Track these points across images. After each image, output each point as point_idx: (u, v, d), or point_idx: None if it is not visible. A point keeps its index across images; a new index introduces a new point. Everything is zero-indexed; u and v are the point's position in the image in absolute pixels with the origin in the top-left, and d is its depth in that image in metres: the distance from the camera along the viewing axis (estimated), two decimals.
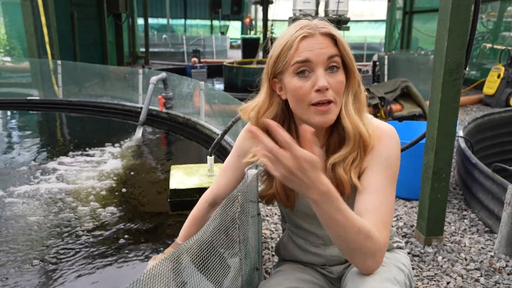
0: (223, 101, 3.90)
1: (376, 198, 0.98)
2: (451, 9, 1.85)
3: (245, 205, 1.06)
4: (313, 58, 0.96)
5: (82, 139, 4.23)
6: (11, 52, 7.43)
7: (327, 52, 0.97)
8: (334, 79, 0.98)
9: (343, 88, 1.00)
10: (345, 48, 0.99)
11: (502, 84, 6.10)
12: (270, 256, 2.01)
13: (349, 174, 1.00)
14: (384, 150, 1.01)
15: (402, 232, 2.29)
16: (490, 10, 8.31)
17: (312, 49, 0.96)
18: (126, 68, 7.11)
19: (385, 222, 0.96)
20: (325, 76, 0.97)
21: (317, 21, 1.01)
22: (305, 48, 0.96)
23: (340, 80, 0.99)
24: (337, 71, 0.99)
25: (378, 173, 1.00)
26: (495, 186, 2.28)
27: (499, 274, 1.90)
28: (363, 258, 0.92)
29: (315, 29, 0.98)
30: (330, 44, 0.98)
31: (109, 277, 1.85)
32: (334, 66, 0.98)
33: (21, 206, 2.51)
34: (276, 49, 1.01)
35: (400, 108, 5.00)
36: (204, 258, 0.90)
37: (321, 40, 0.97)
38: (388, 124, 1.06)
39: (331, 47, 0.98)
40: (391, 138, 1.03)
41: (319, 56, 0.96)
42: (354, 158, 1.01)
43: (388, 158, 1.01)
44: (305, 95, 0.97)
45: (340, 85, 0.99)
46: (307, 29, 0.97)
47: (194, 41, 14.73)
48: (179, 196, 2.62)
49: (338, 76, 0.98)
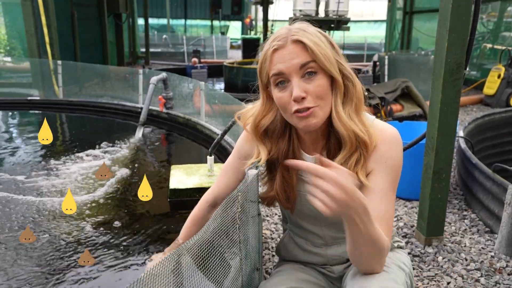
0: (223, 101, 3.90)
1: (383, 203, 1.00)
2: (451, 9, 1.85)
3: (245, 205, 1.06)
4: (285, 69, 0.97)
5: (82, 139, 4.23)
6: (12, 52, 7.44)
7: (298, 61, 0.96)
8: (312, 85, 0.97)
9: (327, 90, 0.99)
10: (317, 53, 0.96)
11: (503, 84, 6.09)
12: (270, 256, 2.01)
13: (355, 175, 1.01)
14: (389, 154, 1.02)
15: (402, 232, 2.29)
16: (491, 10, 8.31)
17: (284, 61, 0.97)
18: (126, 68, 7.11)
19: (390, 227, 1.00)
20: (302, 83, 0.97)
21: (296, 26, 1.00)
22: (277, 60, 0.98)
23: (319, 84, 0.97)
24: (315, 76, 0.97)
25: (384, 177, 1.01)
26: (495, 186, 2.28)
27: (500, 274, 1.90)
28: (372, 265, 0.96)
29: (286, 38, 0.97)
30: (302, 52, 0.96)
31: (109, 277, 1.85)
32: (310, 72, 0.97)
33: (21, 206, 2.51)
34: (259, 63, 1.04)
35: (400, 108, 5.00)
36: (204, 258, 0.90)
37: (292, 49, 0.96)
38: (391, 126, 1.06)
39: (303, 55, 0.96)
40: (395, 141, 1.04)
41: (291, 66, 0.96)
42: (357, 159, 1.01)
43: (393, 162, 1.02)
44: (285, 104, 0.99)
45: (319, 88, 0.98)
46: (277, 40, 0.98)
47: (195, 41, 14.72)
48: (178, 196, 2.62)
49: (317, 80, 0.97)
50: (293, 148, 1.10)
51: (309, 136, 1.08)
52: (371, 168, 1.02)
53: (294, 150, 1.10)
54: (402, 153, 1.05)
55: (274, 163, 1.11)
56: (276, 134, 1.09)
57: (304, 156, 1.11)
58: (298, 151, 1.11)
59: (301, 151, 1.11)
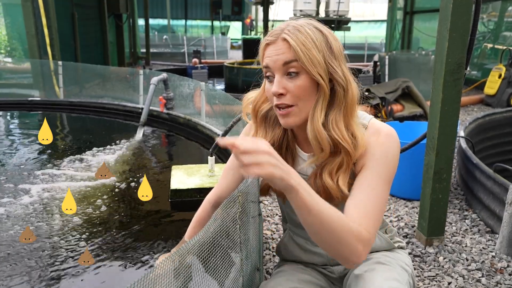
0: (224, 102, 3.90)
1: (364, 193, 0.97)
2: (452, 9, 1.85)
3: (246, 205, 1.06)
4: (270, 64, 0.99)
5: (82, 139, 4.23)
6: (12, 53, 7.44)
7: (282, 58, 0.97)
8: (292, 84, 0.98)
9: (307, 92, 0.98)
10: (301, 54, 0.95)
11: (503, 84, 6.08)
12: (271, 257, 2.01)
13: (335, 181, 1.00)
14: (380, 149, 1.00)
15: (403, 233, 2.29)
16: (491, 10, 8.31)
17: (270, 56, 0.99)
18: (126, 69, 7.12)
19: (370, 215, 0.95)
20: (283, 81, 0.98)
21: (292, 24, 0.99)
22: (267, 54, 1.00)
23: (299, 84, 0.97)
24: (297, 76, 0.97)
25: (370, 171, 0.99)
26: (496, 186, 2.28)
27: (501, 274, 1.90)
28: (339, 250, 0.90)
29: (278, 35, 0.98)
30: (287, 50, 0.97)
31: (109, 277, 1.85)
32: (292, 71, 0.97)
33: (21, 206, 2.51)
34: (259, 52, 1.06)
35: (401, 108, 4.99)
36: (204, 258, 0.90)
37: (280, 46, 0.98)
38: (387, 125, 1.05)
39: (288, 53, 0.97)
40: (388, 138, 1.02)
41: (275, 62, 0.98)
42: (339, 165, 1.00)
43: (383, 157, 1.00)
44: (270, 97, 1.02)
45: (299, 89, 0.98)
46: (270, 36, 1.00)
47: (195, 41, 14.74)
48: (179, 196, 2.62)
49: (298, 81, 0.97)
50: (288, 139, 1.11)
51: (300, 131, 1.08)
52: (362, 164, 1.01)
53: (288, 141, 1.11)
54: (396, 150, 1.02)
55: None
56: (274, 120, 1.11)
57: (299, 152, 1.11)
58: (293, 144, 1.11)
59: (296, 147, 1.11)
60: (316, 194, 0.87)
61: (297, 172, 1.13)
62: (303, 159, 1.10)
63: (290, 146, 1.11)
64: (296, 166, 1.11)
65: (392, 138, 1.02)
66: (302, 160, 1.11)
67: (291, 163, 1.11)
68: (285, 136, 1.10)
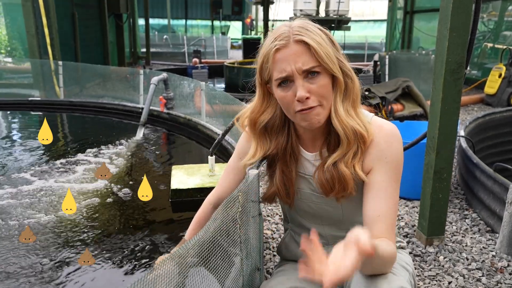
0: (224, 102, 3.90)
1: (385, 203, 1.00)
2: (452, 9, 1.85)
3: (246, 205, 1.06)
4: (289, 71, 0.96)
5: (83, 139, 4.23)
6: (12, 53, 7.45)
7: (304, 61, 0.95)
8: (315, 85, 0.97)
9: (329, 89, 1.00)
10: (321, 53, 0.96)
11: (504, 84, 6.08)
12: (271, 256, 2.01)
13: (351, 168, 1.02)
14: (389, 151, 1.02)
15: (403, 232, 2.29)
16: (491, 9, 8.30)
17: (287, 62, 0.96)
18: (127, 69, 7.12)
19: (393, 227, 1.01)
20: (305, 84, 0.96)
21: (297, 24, 0.98)
22: (281, 60, 0.97)
23: (322, 84, 0.98)
24: (318, 76, 0.97)
25: (385, 175, 1.01)
26: (496, 185, 2.28)
27: (501, 274, 1.90)
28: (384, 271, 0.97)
29: (289, 38, 0.96)
30: (305, 52, 0.95)
31: (109, 277, 1.85)
32: (313, 72, 0.97)
33: (22, 206, 2.51)
34: (259, 60, 1.03)
35: (401, 108, 4.99)
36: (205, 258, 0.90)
37: (295, 50, 0.96)
38: (389, 122, 1.07)
39: (306, 56, 0.95)
40: (395, 138, 1.03)
41: (295, 67, 0.96)
42: (354, 153, 1.02)
43: (394, 159, 1.02)
44: (289, 104, 0.99)
45: (323, 88, 0.98)
46: (279, 40, 0.97)
47: (195, 41, 14.73)
48: (180, 196, 2.62)
49: (320, 80, 0.97)
50: (292, 143, 1.10)
51: (309, 133, 1.08)
52: (371, 166, 1.02)
53: (293, 146, 1.10)
54: (402, 149, 1.05)
55: (273, 159, 1.12)
56: (275, 129, 1.10)
57: (303, 153, 1.11)
58: (297, 147, 1.11)
59: (300, 148, 1.11)
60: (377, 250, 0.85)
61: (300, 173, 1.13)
62: (306, 159, 1.11)
63: (294, 149, 1.11)
64: (300, 167, 1.12)
65: (397, 137, 1.04)
66: (305, 161, 1.11)
67: (295, 165, 1.11)
68: (289, 141, 1.10)
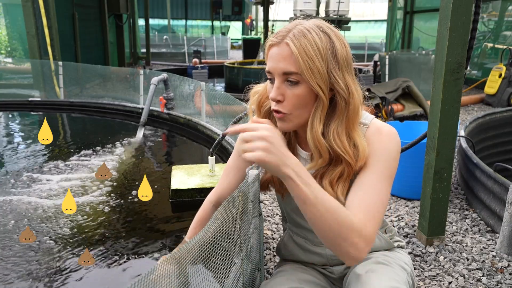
0: (224, 102, 3.90)
1: (366, 191, 0.96)
2: (452, 9, 1.85)
3: (246, 205, 1.06)
4: (271, 69, 0.97)
5: (83, 139, 4.24)
6: (13, 53, 7.45)
7: (282, 66, 0.94)
8: (291, 92, 0.95)
9: (305, 101, 0.96)
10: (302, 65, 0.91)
11: (504, 84, 6.08)
12: (271, 257, 2.01)
13: (335, 189, 0.99)
14: (380, 148, 1.00)
15: (403, 232, 2.29)
16: (491, 9, 8.30)
17: (271, 60, 0.96)
18: (127, 69, 7.11)
19: (372, 214, 0.92)
20: (283, 87, 0.96)
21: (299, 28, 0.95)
22: (269, 56, 0.97)
23: (297, 93, 0.95)
24: (296, 85, 0.95)
25: (371, 169, 0.98)
26: (496, 185, 2.28)
27: (501, 274, 1.90)
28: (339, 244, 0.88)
29: (283, 37, 0.95)
30: (289, 57, 0.93)
31: (109, 277, 1.85)
32: (291, 80, 0.95)
33: (22, 206, 2.51)
34: None
35: (401, 108, 4.99)
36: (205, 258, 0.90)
37: (281, 51, 0.94)
38: (388, 125, 1.05)
39: (289, 60, 0.93)
40: (389, 137, 1.01)
41: (276, 68, 0.95)
42: (340, 174, 0.99)
43: (384, 155, 0.99)
44: (270, 99, 1.00)
45: (296, 98, 0.95)
46: (276, 37, 0.96)
47: (195, 41, 14.74)
48: (180, 196, 2.62)
49: (297, 89, 0.95)
50: (290, 138, 1.10)
51: (301, 131, 1.07)
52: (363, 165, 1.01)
53: (290, 140, 1.10)
54: (396, 149, 1.01)
55: None
56: None
57: (299, 150, 1.11)
58: (294, 143, 1.11)
59: (296, 145, 1.12)
60: (316, 184, 0.86)
61: None
62: (303, 157, 1.11)
63: (292, 144, 1.11)
64: None
65: (392, 136, 1.02)
66: (302, 159, 1.11)
67: None
68: (286, 134, 1.10)
